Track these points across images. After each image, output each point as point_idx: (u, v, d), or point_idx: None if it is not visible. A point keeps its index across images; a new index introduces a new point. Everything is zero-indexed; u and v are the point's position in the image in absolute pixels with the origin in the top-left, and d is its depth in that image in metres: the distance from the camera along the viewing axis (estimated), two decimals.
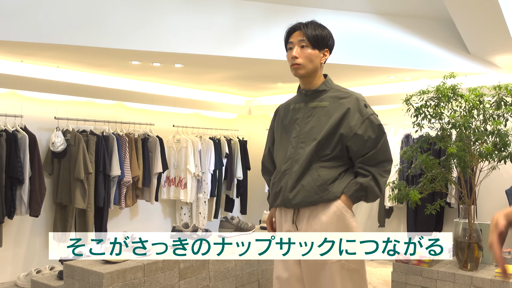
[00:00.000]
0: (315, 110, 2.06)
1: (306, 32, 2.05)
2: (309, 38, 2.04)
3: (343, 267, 1.93)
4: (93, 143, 4.33)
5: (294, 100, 2.20)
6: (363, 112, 2.01)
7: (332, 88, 2.10)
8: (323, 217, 1.96)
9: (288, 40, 2.11)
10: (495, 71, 4.55)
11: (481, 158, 2.79)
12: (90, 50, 3.51)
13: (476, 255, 2.76)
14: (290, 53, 2.07)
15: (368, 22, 4.30)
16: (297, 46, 2.05)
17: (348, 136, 1.99)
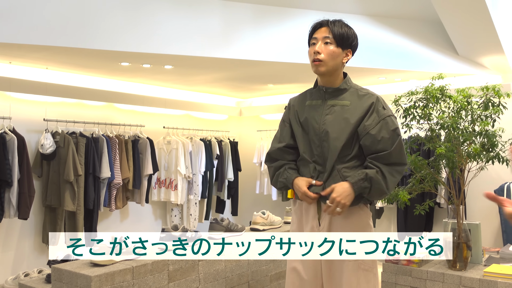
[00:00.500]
0: (333, 108, 2.04)
1: (332, 29, 2.04)
2: (334, 35, 2.03)
3: (360, 267, 1.98)
4: (82, 145, 4.31)
5: (309, 96, 2.15)
6: (380, 113, 2.00)
7: (352, 87, 2.09)
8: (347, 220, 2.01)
9: (312, 35, 2.08)
10: (483, 72, 4.59)
11: (470, 158, 2.80)
12: (79, 51, 3.50)
13: (465, 255, 2.77)
14: (313, 48, 2.04)
15: (358, 24, 4.31)
16: (321, 41, 2.04)
17: (361, 134, 1.99)
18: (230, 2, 3.90)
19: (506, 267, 2.68)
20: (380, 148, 1.97)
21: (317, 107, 2.08)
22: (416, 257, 2.85)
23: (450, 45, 4.43)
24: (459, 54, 4.46)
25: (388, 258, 2.97)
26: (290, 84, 5.34)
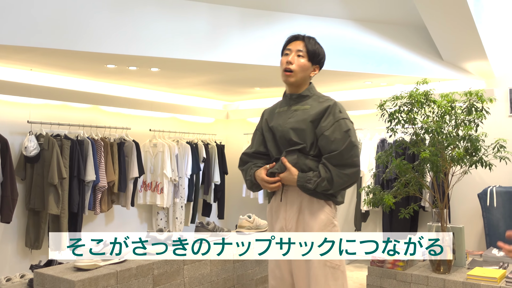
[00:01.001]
0: (296, 112, 2.23)
1: (307, 43, 2.22)
2: (308, 50, 2.21)
3: (326, 264, 2.09)
4: (67, 147, 4.26)
5: (279, 105, 2.35)
6: (336, 115, 2.16)
7: (314, 95, 2.26)
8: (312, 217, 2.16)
9: (286, 46, 2.26)
10: (467, 77, 4.66)
11: (453, 162, 2.83)
12: (64, 53, 3.46)
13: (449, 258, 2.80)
14: (286, 58, 2.21)
15: (345, 28, 4.35)
16: (294, 53, 2.21)
17: (318, 135, 2.16)
18: (217, 5, 3.90)
19: (489, 270, 2.71)
20: (332, 148, 2.12)
21: (283, 113, 2.27)
22: (401, 258, 2.87)
23: (435, 51, 4.49)
24: (443, 59, 4.51)
25: (373, 260, 2.99)
26: (277, 87, 5.35)
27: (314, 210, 2.15)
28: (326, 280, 2.07)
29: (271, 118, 2.31)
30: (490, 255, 3.11)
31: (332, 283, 2.08)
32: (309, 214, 2.15)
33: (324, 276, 2.07)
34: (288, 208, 2.21)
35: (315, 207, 2.15)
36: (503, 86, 4.74)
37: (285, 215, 2.22)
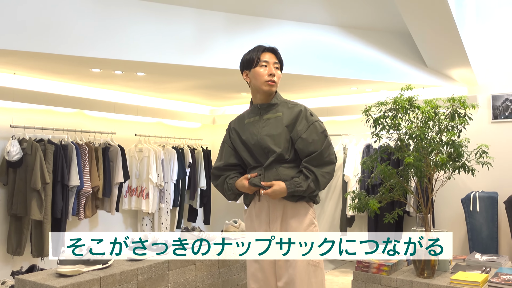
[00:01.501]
0: (269, 121, 2.33)
1: (279, 56, 2.37)
2: (281, 63, 2.38)
3: (309, 263, 2.23)
4: (51, 152, 4.21)
5: (247, 115, 2.44)
6: (308, 119, 2.30)
7: (282, 101, 2.39)
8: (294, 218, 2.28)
9: (260, 57, 2.34)
10: (450, 83, 4.72)
11: (437, 168, 2.86)
12: (48, 56, 3.43)
13: (433, 262, 2.82)
14: (267, 70, 2.31)
15: (330, 34, 4.38)
16: (272, 66, 2.32)
17: (295, 139, 2.27)
18: (203, 10, 3.90)
19: (472, 274, 2.74)
20: (312, 149, 2.25)
21: (255, 123, 2.36)
22: (386, 258, 2.89)
23: (419, 57, 4.54)
24: (427, 66, 4.57)
25: (358, 265, 3.00)
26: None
27: (297, 212, 2.27)
28: (309, 277, 2.22)
29: (242, 130, 2.40)
30: (473, 260, 3.14)
31: (313, 280, 2.23)
32: (292, 216, 2.27)
33: (307, 274, 2.22)
34: (271, 212, 2.30)
35: (297, 209, 2.27)
36: (485, 93, 4.81)
37: (267, 219, 2.30)
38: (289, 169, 2.29)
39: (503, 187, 4.62)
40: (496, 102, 4.75)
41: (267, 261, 2.29)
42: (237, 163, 2.44)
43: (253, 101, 2.43)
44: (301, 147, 2.26)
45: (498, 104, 4.74)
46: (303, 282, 2.20)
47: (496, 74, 4.79)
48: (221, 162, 2.45)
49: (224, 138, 2.52)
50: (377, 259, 3.03)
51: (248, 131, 2.36)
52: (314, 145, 2.26)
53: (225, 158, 2.45)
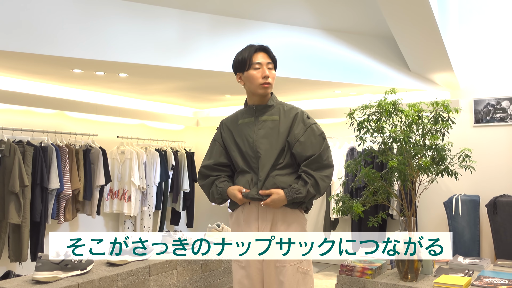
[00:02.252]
0: (265, 123, 2.26)
1: (271, 55, 2.28)
2: (274, 61, 2.29)
3: (298, 270, 2.19)
4: (30, 154, 4.11)
5: (241, 115, 2.36)
6: (306, 122, 2.25)
7: (278, 103, 2.32)
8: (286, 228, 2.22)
9: (252, 59, 2.25)
10: (433, 87, 4.76)
11: (420, 171, 2.87)
12: (28, 56, 3.35)
13: (416, 266, 2.82)
14: (260, 72, 2.23)
15: (315, 38, 4.38)
16: (265, 67, 2.24)
17: (292, 143, 2.22)
18: (187, 11, 3.86)
19: (455, 277, 2.75)
20: (310, 153, 2.21)
21: (250, 124, 2.29)
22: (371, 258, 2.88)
23: (402, 62, 4.57)
24: (411, 70, 4.60)
25: (342, 269, 2.98)
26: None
27: (288, 220, 2.21)
28: (298, 285, 2.18)
29: (235, 130, 2.32)
30: (456, 263, 3.16)
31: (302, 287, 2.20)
32: (283, 224, 2.21)
33: (296, 282, 2.18)
34: (260, 218, 2.23)
35: (289, 217, 2.22)
36: (468, 97, 4.86)
37: (256, 225, 2.23)
38: (285, 177, 2.23)
39: (484, 191, 4.67)
40: (478, 106, 4.80)
41: (254, 268, 2.23)
42: (227, 163, 2.36)
43: (248, 101, 2.35)
44: (299, 150, 2.21)
45: (480, 109, 4.79)
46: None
47: (478, 79, 4.84)
48: (211, 161, 2.36)
49: (215, 136, 2.42)
50: (361, 263, 3.02)
51: (242, 132, 2.30)
52: (312, 148, 2.21)
53: (215, 157, 2.37)
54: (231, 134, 2.33)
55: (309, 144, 2.21)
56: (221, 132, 2.39)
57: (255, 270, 2.23)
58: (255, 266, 2.22)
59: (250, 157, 2.25)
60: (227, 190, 2.27)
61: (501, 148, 4.68)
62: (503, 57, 4.73)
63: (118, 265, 2.51)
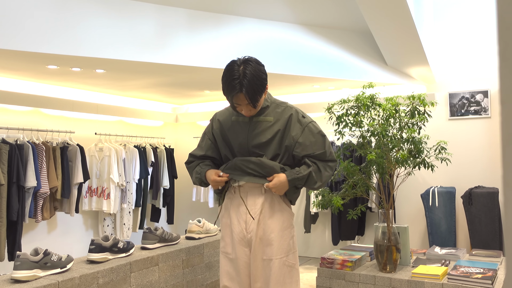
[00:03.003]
0: (259, 124, 2.23)
1: (249, 97, 2.09)
2: (253, 103, 2.12)
3: (284, 264, 2.21)
4: (5, 152, 4.03)
5: (235, 112, 2.29)
6: (302, 122, 2.24)
7: (273, 103, 2.29)
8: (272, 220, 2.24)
9: (232, 100, 2.14)
10: (410, 81, 4.83)
11: (398, 164, 2.92)
12: (0, 52, 3.27)
13: (395, 257, 2.87)
14: (240, 109, 2.18)
15: (293, 32, 4.39)
16: (244, 107, 2.16)
17: (291, 145, 2.21)
18: (164, 6, 3.83)
19: (432, 267, 2.81)
20: (311, 151, 2.22)
21: (244, 124, 2.26)
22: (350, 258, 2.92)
23: (380, 56, 4.62)
24: (388, 64, 4.66)
25: (323, 260, 3.02)
26: None
27: (275, 212, 2.23)
28: (284, 278, 2.21)
29: (227, 126, 2.29)
30: (433, 253, 3.23)
31: (288, 281, 2.22)
32: (270, 217, 2.23)
33: (282, 275, 2.20)
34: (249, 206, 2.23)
35: (276, 209, 2.24)
36: (443, 91, 4.96)
37: (245, 218, 2.23)
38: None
39: (460, 182, 4.77)
40: (453, 99, 4.90)
41: (242, 261, 2.24)
42: (215, 157, 2.38)
43: None
44: (299, 151, 2.22)
45: (455, 102, 4.89)
46: (278, 283, 2.18)
47: (452, 73, 4.94)
48: (201, 153, 2.38)
49: (206, 129, 2.41)
50: (340, 255, 3.06)
51: (234, 131, 2.27)
52: (311, 147, 2.22)
53: (205, 149, 2.38)
54: (223, 129, 2.31)
55: (308, 143, 2.21)
56: (212, 125, 2.38)
57: (242, 263, 2.24)
58: (243, 259, 2.24)
59: (241, 154, 2.25)
60: (206, 172, 2.30)
61: (476, 141, 4.79)
62: (477, 51, 4.84)
63: (99, 263, 2.49)
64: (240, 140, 2.24)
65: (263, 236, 2.21)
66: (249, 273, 2.25)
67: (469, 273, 2.63)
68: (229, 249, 2.27)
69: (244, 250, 2.23)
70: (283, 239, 2.23)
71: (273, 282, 2.18)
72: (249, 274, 2.25)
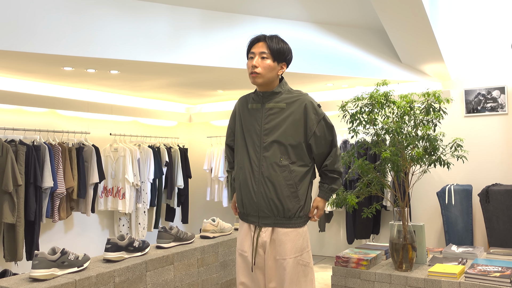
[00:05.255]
0: (271, 110, 2.24)
1: (270, 44, 2.22)
2: (271, 50, 2.21)
3: (299, 263, 2.20)
4: (22, 153, 4.09)
5: (251, 99, 2.34)
6: (318, 112, 2.25)
7: (287, 90, 2.29)
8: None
9: (250, 49, 2.26)
10: (425, 79, 4.78)
11: (413, 162, 2.89)
12: (18, 54, 3.32)
13: (410, 255, 2.85)
14: (251, 62, 2.23)
15: (306, 31, 4.38)
16: (258, 56, 2.21)
17: (309, 135, 2.22)
18: (178, 7, 3.85)
19: (448, 266, 2.78)
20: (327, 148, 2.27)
21: (257, 111, 2.28)
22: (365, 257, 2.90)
23: (394, 53, 4.59)
24: (402, 61, 4.62)
25: (338, 259, 3.01)
26: (239, 90, 5.34)
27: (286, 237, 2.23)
28: (298, 277, 2.19)
29: (244, 114, 2.33)
30: (449, 252, 3.19)
31: (302, 279, 2.20)
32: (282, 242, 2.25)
33: (296, 274, 2.19)
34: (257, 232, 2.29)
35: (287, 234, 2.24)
36: (459, 88, 4.90)
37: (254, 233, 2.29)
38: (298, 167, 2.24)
39: (477, 180, 4.71)
40: (469, 96, 4.84)
41: (256, 260, 2.25)
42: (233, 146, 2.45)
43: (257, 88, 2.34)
44: (314, 144, 2.24)
45: (471, 99, 4.83)
46: (293, 282, 2.17)
47: (468, 69, 4.88)
48: (229, 139, 2.49)
49: (232, 113, 2.48)
50: (355, 254, 3.05)
51: (250, 116, 2.30)
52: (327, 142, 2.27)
53: (228, 138, 2.49)
54: (240, 115, 2.36)
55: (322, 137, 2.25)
56: (236, 108, 2.44)
57: (256, 262, 2.25)
58: (257, 259, 2.24)
59: (255, 145, 2.25)
60: (233, 199, 2.46)
61: (493, 138, 4.72)
62: (493, 47, 4.77)
63: (115, 262, 2.52)
64: (255, 127, 2.26)
65: (276, 236, 2.21)
66: (264, 272, 2.25)
67: (487, 271, 2.59)
68: (245, 247, 2.28)
69: (258, 250, 2.24)
70: (296, 238, 2.21)
71: (288, 281, 2.17)
72: (263, 274, 2.25)
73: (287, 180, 2.18)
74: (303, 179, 2.23)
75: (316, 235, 5.62)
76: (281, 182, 2.18)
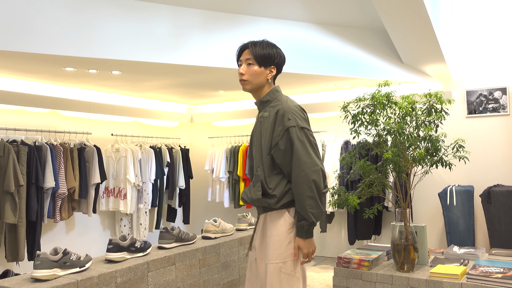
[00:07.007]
0: (261, 119, 2.24)
1: (253, 51, 2.19)
2: (255, 57, 2.19)
3: (281, 270, 2.12)
4: (24, 153, 4.10)
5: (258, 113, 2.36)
6: (286, 122, 2.11)
7: (275, 99, 2.23)
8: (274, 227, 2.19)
9: (238, 58, 2.27)
10: (426, 79, 4.78)
11: (415, 163, 2.89)
12: (19, 55, 3.33)
13: (412, 256, 2.84)
14: (239, 70, 2.24)
15: (307, 31, 4.38)
16: (244, 64, 2.22)
17: (272, 146, 2.14)
18: (179, 7, 3.85)
19: (450, 267, 2.77)
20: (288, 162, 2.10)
21: (256, 122, 2.31)
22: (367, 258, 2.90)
23: (395, 54, 4.58)
24: (403, 62, 4.62)
25: (339, 260, 3.00)
26: (241, 90, 5.31)
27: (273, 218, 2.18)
28: (281, 285, 2.10)
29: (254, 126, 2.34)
30: (451, 253, 3.19)
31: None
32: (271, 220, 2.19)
33: (279, 281, 2.10)
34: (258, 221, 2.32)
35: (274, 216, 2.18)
36: (460, 88, 4.89)
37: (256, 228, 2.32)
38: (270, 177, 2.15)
39: (478, 181, 4.71)
40: (470, 97, 4.83)
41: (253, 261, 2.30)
42: None
43: None
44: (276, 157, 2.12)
45: (473, 99, 4.82)
46: None
47: (470, 70, 4.87)
48: None
49: None
50: (357, 255, 3.04)
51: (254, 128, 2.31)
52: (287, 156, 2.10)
53: None
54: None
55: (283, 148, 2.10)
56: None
57: (254, 262, 2.30)
58: (250, 260, 2.32)
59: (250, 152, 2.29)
60: None
61: (494, 138, 4.72)
62: (494, 47, 4.76)
63: (117, 262, 2.52)
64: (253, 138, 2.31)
65: (263, 239, 2.21)
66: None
67: (488, 272, 2.59)
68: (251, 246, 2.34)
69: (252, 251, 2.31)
70: (279, 244, 2.13)
71: (268, 286, 2.12)
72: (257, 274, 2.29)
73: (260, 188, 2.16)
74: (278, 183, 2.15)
75: (318, 235, 5.61)
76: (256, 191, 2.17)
